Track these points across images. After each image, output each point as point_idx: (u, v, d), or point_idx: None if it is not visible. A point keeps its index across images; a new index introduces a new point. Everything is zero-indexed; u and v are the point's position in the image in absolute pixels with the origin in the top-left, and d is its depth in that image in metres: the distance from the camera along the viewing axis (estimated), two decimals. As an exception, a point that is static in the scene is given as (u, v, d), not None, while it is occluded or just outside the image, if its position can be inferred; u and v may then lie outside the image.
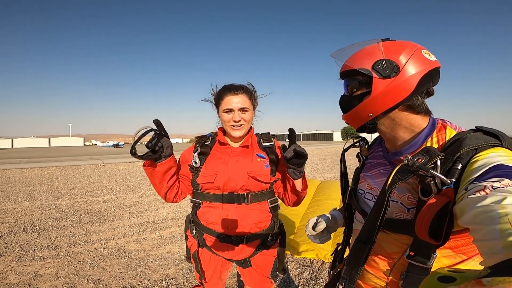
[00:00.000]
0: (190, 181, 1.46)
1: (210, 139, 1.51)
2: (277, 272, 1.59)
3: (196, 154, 1.43)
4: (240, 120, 1.37)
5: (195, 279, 2.85)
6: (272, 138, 1.53)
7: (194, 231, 1.51)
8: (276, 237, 1.54)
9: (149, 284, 2.78)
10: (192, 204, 1.51)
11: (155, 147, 1.25)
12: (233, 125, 1.38)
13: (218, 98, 1.41)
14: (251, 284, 1.59)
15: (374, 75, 0.77)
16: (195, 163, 1.42)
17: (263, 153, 1.47)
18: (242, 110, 1.38)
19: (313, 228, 1.15)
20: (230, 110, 1.37)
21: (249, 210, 1.41)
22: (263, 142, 1.50)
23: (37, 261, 3.35)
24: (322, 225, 1.13)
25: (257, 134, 1.54)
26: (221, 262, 1.54)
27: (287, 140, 1.31)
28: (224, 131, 1.50)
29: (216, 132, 1.54)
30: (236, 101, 1.37)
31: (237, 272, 1.67)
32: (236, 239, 1.41)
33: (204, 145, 1.47)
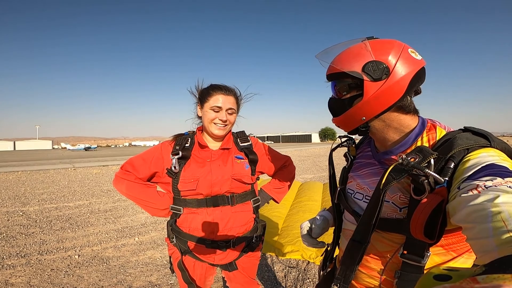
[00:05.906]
0: (171, 187, 1.38)
1: (190, 140, 1.43)
2: None
3: (176, 158, 1.34)
4: (226, 121, 1.37)
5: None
6: (248, 137, 1.52)
7: (174, 240, 1.43)
8: (260, 238, 1.53)
9: (131, 291, 2.67)
10: (171, 212, 1.44)
11: None
12: (217, 123, 1.37)
13: (206, 95, 1.37)
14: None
15: (365, 78, 0.75)
16: (175, 168, 1.34)
17: (241, 154, 1.46)
18: (230, 110, 1.38)
19: (309, 233, 1.13)
20: (218, 109, 1.35)
21: (233, 213, 1.39)
22: (240, 142, 1.48)
23: (6, 269, 3.14)
24: (319, 231, 1.11)
25: (232, 134, 1.52)
26: (205, 268, 1.48)
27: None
28: (202, 132, 1.46)
29: (194, 132, 1.49)
30: (226, 100, 1.36)
31: (223, 276, 1.63)
32: (222, 243, 1.37)
33: (185, 148, 1.39)
